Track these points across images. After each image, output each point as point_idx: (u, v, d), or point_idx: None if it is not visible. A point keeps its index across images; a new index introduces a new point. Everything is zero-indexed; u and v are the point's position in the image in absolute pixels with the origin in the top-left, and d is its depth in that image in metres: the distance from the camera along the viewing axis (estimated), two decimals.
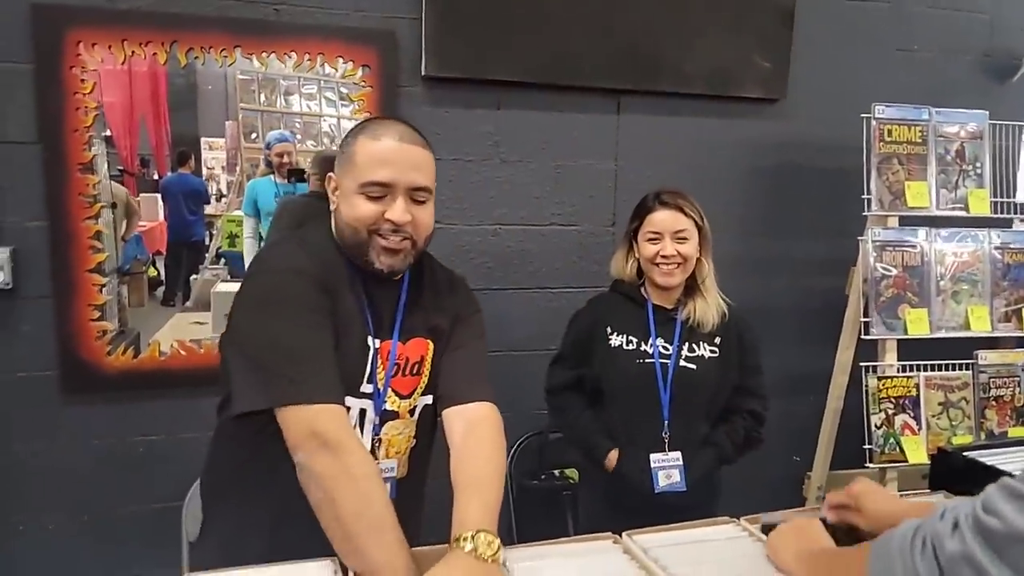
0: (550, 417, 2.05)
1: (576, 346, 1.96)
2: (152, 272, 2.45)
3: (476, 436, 1.32)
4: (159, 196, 2.38)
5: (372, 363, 1.32)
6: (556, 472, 2.55)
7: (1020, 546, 0.73)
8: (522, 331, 2.57)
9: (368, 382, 1.33)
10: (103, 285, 2.24)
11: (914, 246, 2.41)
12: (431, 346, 1.40)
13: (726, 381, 1.88)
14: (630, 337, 1.88)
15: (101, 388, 2.27)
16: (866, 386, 2.32)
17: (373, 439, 1.34)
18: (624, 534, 1.27)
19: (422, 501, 1.50)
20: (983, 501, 0.78)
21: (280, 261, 1.32)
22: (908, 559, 0.84)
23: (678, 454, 1.83)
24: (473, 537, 1.12)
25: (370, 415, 1.34)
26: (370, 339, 1.33)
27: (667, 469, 1.80)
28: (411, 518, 1.39)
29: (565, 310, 2.12)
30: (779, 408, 2.13)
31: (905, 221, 2.44)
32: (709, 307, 1.87)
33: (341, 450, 1.14)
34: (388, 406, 1.36)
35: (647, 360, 1.85)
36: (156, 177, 2.37)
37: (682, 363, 1.85)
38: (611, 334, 1.89)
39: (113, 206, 2.25)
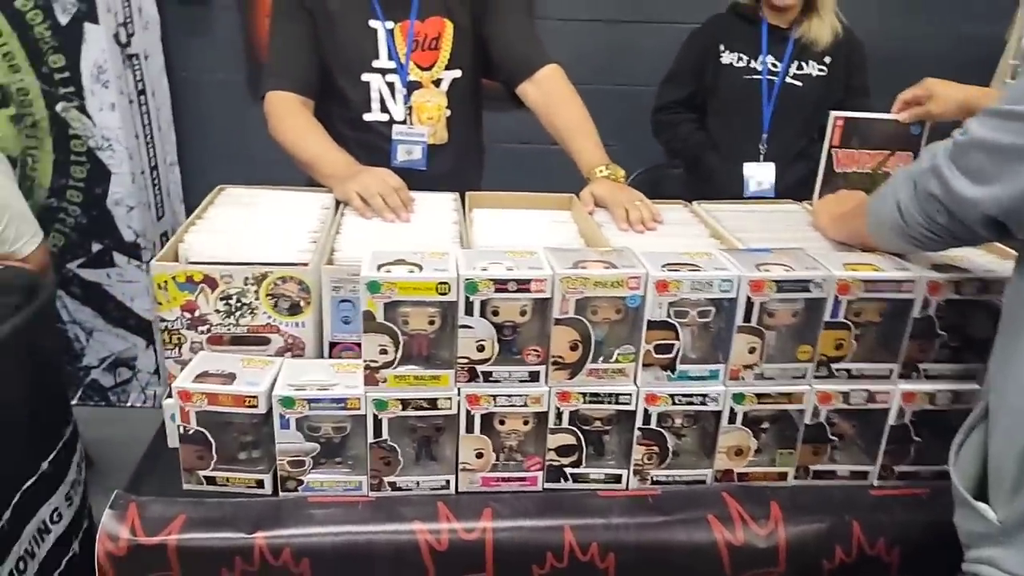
0: (656, 133, 2.21)
1: (689, 64, 2.07)
2: None
3: (552, 91, 1.59)
4: None
5: (388, 42, 1.58)
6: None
7: (975, 151, 0.84)
8: (642, 65, 2.64)
9: (390, 59, 1.59)
10: None
11: None
12: (448, 24, 1.61)
13: (830, 100, 1.94)
14: (741, 55, 1.96)
15: None
16: None
17: (406, 107, 1.62)
18: (694, 202, 1.47)
19: (474, 166, 1.81)
20: (964, 126, 0.89)
21: None
22: (895, 189, 0.98)
23: (771, 165, 1.96)
24: (607, 167, 1.46)
25: (399, 86, 1.61)
26: (374, 22, 1.58)
27: (758, 177, 1.95)
28: (462, 177, 1.69)
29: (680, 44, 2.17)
30: None
31: None
32: (824, 26, 1.91)
33: (274, 115, 1.56)
34: (412, 77, 1.62)
35: (754, 77, 1.94)
36: None
37: (788, 80, 1.94)
38: (723, 52, 1.98)
39: None
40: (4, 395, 1.46)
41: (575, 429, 1.07)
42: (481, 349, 1.01)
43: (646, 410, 1.05)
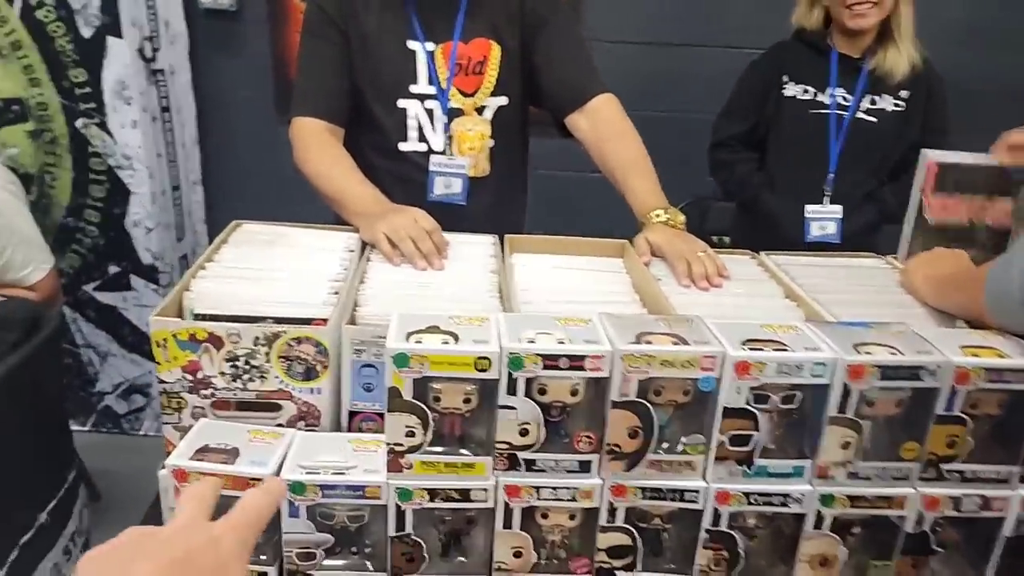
0: (712, 171, 2.05)
1: (749, 96, 1.91)
2: None
3: (605, 122, 1.44)
4: None
5: (429, 65, 1.44)
6: (715, 238, 2.57)
7: None
8: (693, 92, 2.49)
9: (430, 83, 1.45)
10: None
11: None
12: (496, 47, 1.46)
13: (905, 138, 1.77)
14: (807, 87, 1.80)
15: None
16: None
17: (445, 136, 1.48)
18: (762, 253, 1.31)
19: (517, 201, 1.66)
20: None
21: None
22: None
23: (838, 208, 1.79)
24: (665, 211, 1.30)
25: (438, 114, 1.47)
26: (413, 43, 1.44)
27: (822, 220, 1.78)
28: (504, 213, 1.55)
29: (739, 71, 2.01)
30: None
31: None
32: (901, 56, 1.73)
33: (300, 145, 1.42)
34: (453, 104, 1.47)
35: (821, 111, 1.78)
36: None
37: (860, 115, 1.77)
38: (786, 83, 1.82)
39: None
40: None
41: (630, 528, 0.91)
42: (524, 433, 0.86)
43: (716, 510, 0.89)
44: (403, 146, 1.49)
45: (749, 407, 0.85)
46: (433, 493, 0.87)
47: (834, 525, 0.90)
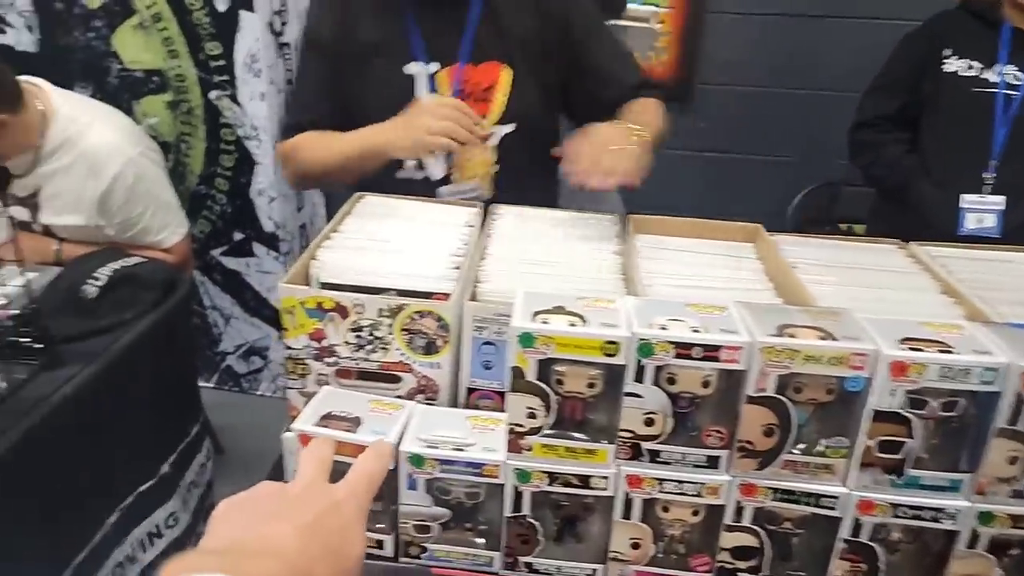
0: (853, 154, 1.90)
1: (903, 70, 1.75)
2: None
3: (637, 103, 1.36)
4: None
5: (430, 89, 1.34)
6: (843, 226, 2.42)
7: None
8: (832, 68, 2.32)
9: None
10: None
11: None
12: (506, 71, 1.35)
13: None
14: (972, 62, 1.62)
15: None
16: None
17: (446, 164, 1.38)
18: (912, 243, 1.20)
19: None
20: None
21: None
22: None
23: (1000, 199, 1.62)
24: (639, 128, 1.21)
25: None
26: (414, 66, 1.34)
27: (980, 212, 1.61)
28: None
29: (886, 46, 1.86)
30: None
31: None
32: None
33: (291, 154, 1.39)
34: None
35: (987, 90, 1.60)
36: None
37: None
38: (948, 57, 1.65)
39: None
40: (135, 392, 1.43)
41: (758, 529, 0.86)
42: (650, 423, 0.82)
43: (857, 519, 0.83)
44: (400, 174, 1.40)
45: (903, 412, 0.78)
46: (552, 477, 0.85)
47: (990, 545, 0.82)
